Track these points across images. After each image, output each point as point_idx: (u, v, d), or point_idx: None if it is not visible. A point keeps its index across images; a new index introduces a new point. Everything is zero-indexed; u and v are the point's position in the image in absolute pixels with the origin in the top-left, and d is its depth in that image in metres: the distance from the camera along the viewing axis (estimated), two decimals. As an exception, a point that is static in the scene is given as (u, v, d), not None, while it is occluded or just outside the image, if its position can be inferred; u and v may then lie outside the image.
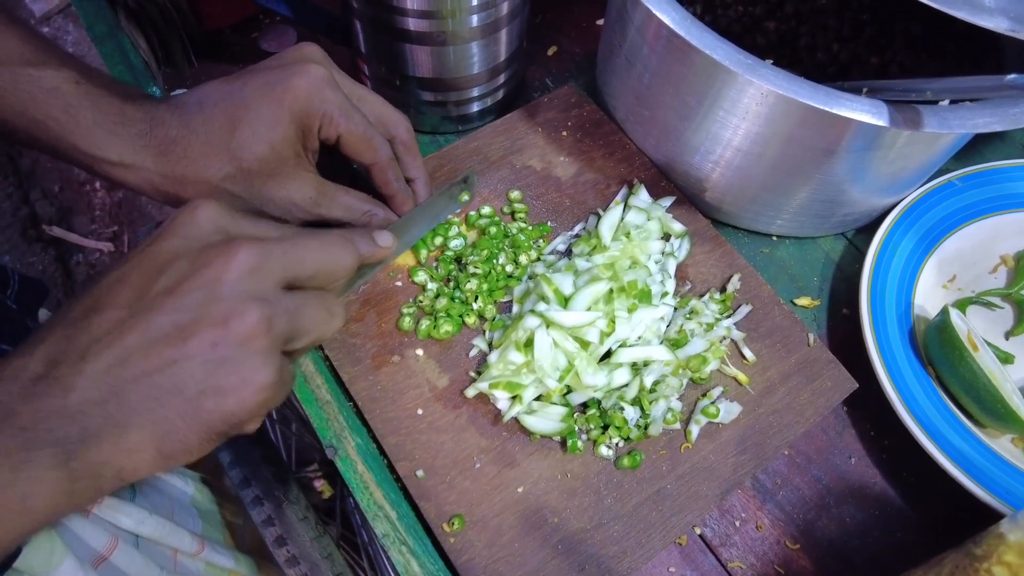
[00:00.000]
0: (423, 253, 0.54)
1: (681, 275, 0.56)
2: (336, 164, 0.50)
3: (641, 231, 0.55)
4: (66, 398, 0.28)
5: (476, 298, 0.53)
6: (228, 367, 0.29)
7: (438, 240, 0.55)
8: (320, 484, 1.09)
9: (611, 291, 0.50)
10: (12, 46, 0.41)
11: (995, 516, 0.46)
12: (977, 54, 0.60)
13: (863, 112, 0.44)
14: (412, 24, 0.53)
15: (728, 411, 0.50)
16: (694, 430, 0.49)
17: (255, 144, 0.43)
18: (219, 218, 0.33)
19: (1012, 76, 0.39)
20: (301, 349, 0.34)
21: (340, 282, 0.36)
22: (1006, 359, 0.55)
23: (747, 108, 0.49)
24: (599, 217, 0.56)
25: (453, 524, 0.45)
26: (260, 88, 0.43)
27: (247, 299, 0.30)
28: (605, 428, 0.48)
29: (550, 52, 0.72)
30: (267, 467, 0.78)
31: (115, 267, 0.32)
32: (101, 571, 0.62)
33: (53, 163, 1.85)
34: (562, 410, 0.48)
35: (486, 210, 0.57)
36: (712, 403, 0.50)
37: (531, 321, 0.48)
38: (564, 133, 0.62)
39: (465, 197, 0.56)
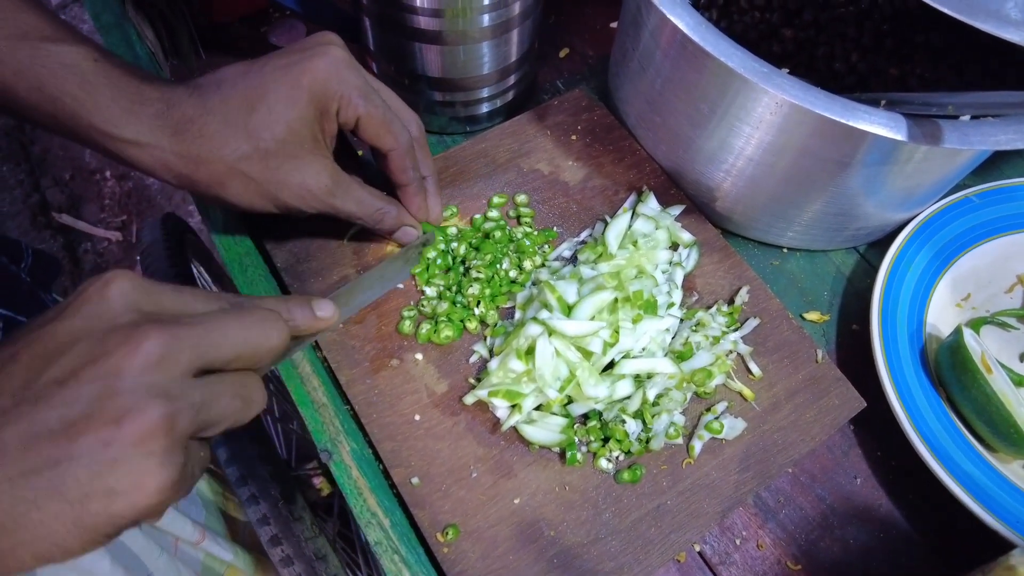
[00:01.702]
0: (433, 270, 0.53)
1: (688, 286, 0.55)
2: (346, 159, 0.49)
3: (649, 240, 0.53)
4: None
5: (478, 303, 0.52)
6: (120, 469, 0.27)
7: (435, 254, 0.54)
8: (319, 481, 1.08)
9: (616, 301, 0.49)
10: (31, 21, 0.40)
11: (1004, 544, 0.45)
12: (1001, 69, 0.58)
13: (880, 125, 0.43)
14: (422, 22, 0.52)
15: (732, 427, 0.49)
16: (697, 445, 0.48)
17: (273, 124, 0.42)
18: (133, 294, 0.29)
19: (1037, 93, 0.38)
20: (215, 434, 0.31)
21: (265, 362, 0.33)
22: (1020, 382, 0.54)
23: (761, 117, 0.48)
24: (606, 224, 0.55)
25: (447, 534, 0.44)
26: (279, 69, 0.43)
27: (148, 395, 0.27)
28: (606, 441, 0.47)
29: (562, 54, 0.71)
30: (264, 465, 0.77)
31: (9, 343, 0.29)
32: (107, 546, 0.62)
33: (65, 151, 1.86)
34: (562, 421, 0.48)
35: (492, 213, 0.56)
36: (716, 418, 0.49)
37: (533, 329, 0.47)
38: (573, 137, 0.61)
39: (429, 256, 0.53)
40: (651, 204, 0.56)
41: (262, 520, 0.73)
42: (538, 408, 0.48)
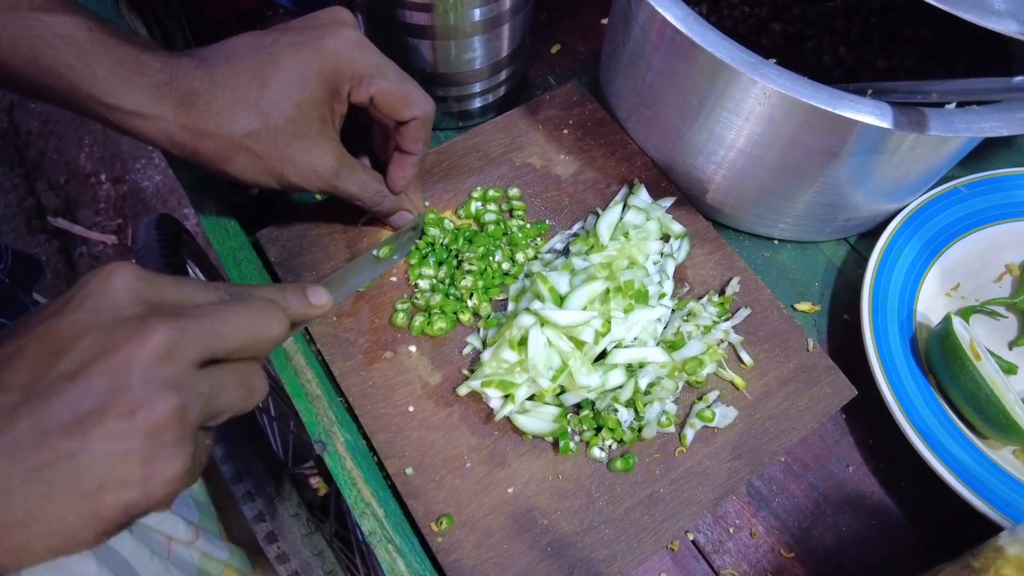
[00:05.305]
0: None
1: (680, 277, 0.55)
2: (354, 138, 0.49)
3: (640, 231, 0.54)
4: None
5: (471, 295, 0.52)
6: (133, 460, 0.27)
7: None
8: (316, 481, 1.08)
9: (607, 291, 0.50)
10: None
11: (995, 529, 0.45)
12: (988, 61, 0.59)
13: (867, 113, 0.43)
14: (413, 17, 0.53)
15: (724, 415, 0.49)
16: (689, 434, 0.48)
17: (284, 103, 0.42)
18: (136, 285, 0.29)
19: (1020, 78, 0.39)
20: (219, 423, 0.31)
21: (266, 351, 0.33)
22: (1009, 369, 0.54)
23: (750, 108, 0.48)
24: (598, 216, 0.55)
25: (441, 523, 0.44)
26: (291, 47, 0.43)
27: (158, 387, 0.27)
28: (598, 430, 0.48)
29: (554, 50, 0.71)
30: (260, 462, 0.77)
31: (12, 337, 0.28)
32: (94, 550, 0.62)
33: (60, 155, 1.86)
34: (555, 410, 0.48)
35: (491, 206, 0.56)
36: (708, 407, 0.49)
37: (525, 319, 0.47)
38: (565, 131, 0.61)
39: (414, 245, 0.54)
40: (642, 196, 0.57)
41: (258, 517, 0.73)
42: (531, 398, 0.48)
